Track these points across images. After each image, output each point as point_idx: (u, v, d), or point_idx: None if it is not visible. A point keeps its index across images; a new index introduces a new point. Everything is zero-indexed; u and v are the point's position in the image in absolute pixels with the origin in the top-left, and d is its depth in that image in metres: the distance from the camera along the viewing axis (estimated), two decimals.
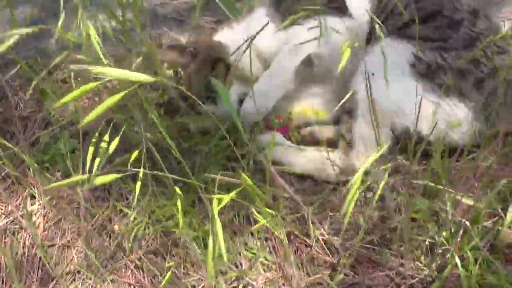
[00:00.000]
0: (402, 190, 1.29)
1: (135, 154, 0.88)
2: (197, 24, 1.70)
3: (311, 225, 1.15)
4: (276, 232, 0.99)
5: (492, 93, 1.36)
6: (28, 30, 0.91)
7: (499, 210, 1.25)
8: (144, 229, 1.27)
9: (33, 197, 1.41)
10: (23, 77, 1.73)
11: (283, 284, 1.10)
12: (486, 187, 1.27)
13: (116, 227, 1.28)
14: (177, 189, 0.85)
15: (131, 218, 1.28)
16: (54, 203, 1.37)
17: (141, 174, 0.81)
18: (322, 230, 1.20)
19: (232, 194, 0.80)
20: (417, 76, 1.33)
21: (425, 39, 1.36)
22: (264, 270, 1.13)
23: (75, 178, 0.79)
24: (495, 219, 1.25)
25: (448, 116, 1.34)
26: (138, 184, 0.85)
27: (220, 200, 0.75)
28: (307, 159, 1.39)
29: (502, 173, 1.35)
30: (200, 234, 1.17)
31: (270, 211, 0.91)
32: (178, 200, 0.80)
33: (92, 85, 0.71)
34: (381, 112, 1.30)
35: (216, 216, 0.70)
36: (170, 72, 1.59)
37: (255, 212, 0.91)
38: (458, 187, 1.27)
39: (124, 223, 1.29)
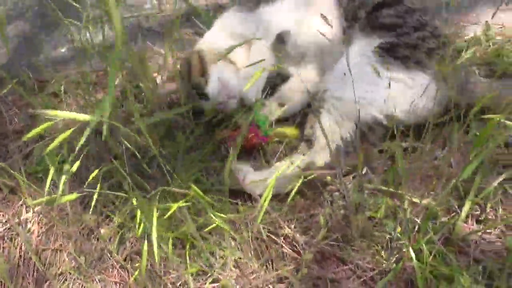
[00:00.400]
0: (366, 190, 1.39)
1: (95, 173, 0.99)
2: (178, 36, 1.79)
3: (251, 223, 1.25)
4: (232, 232, 1.09)
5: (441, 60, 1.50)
6: None
7: (456, 207, 1.36)
8: (129, 231, 1.39)
9: (28, 206, 1.53)
10: (16, 93, 1.84)
11: (251, 279, 1.21)
12: (444, 185, 1.37)
13: (102, 231, 1.39)
14: (134, 201, 0.97)
15: (116, 223, 1.39)
16: (47, 211, 1.48)
17: (95, 196, 0.92)
18: (289, 229, 1.31)
19: (180, 203, 0.92)
20: (381, 55, 1.46)
21: (387, 28, 1.52)
22: (234, 267, 1.24)
23: (41, 199, 0.91)
24: (453, 214, 1.36)
25: (412, 88, 1.45)
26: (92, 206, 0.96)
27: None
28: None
29: (459, 171, 1.46)
30: (177, 235, 1.29)
31: (221, 215, 1.01)
32: (138, 209, 0.91)
33: (46, 124, 0.83)
34: (347, 107, 1.41)
35: (154, 222, 0.81)
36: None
37: (212, 216, 1.01)
38: (418, 186, 1.40)
39: (110, 227, 1.40)
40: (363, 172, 1.39)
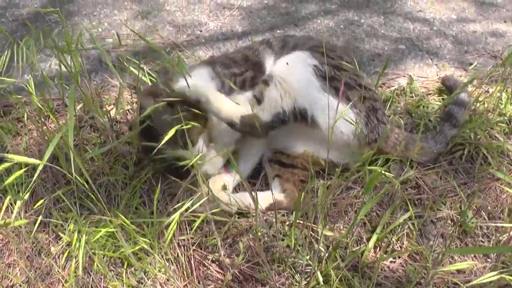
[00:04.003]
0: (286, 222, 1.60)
1: (39, 202, 1.17)
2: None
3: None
4: (156, 255, 1.27)
5: (371, 109, 1.71)
6: None
7: (364, 239, 1.58)
8: (76, 250, 1.55)
9: None
10: None
11: None
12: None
13: (52, 248, 1.55)
14: (71, 226, 1.14)
15: (65, 241, 1.55)
16: (3, 228, 1.63)
17: (38, 221, 1.09)
18: (217, 253, 1.50)
19: (105, 230, 1.11)
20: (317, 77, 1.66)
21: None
22: (164, 285, 1.42)
23: None
24: (363, 245, 1.57)
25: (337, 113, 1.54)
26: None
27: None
28: None
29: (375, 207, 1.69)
30: (118, 255, 1.47)
31: (143, 239, 1.20)
32: (82, 234, 1.08)
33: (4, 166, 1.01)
34: (289, 87, 1.62)
35: (83, 242, 1.00)
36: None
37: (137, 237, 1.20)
38: (336, 220, 1.62)
39: (59, 245, 1.56)
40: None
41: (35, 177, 1.06)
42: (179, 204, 1.15)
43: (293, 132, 1.73)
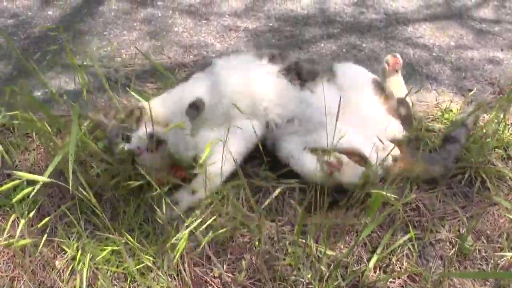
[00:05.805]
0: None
1: (45, 220, 1.20)
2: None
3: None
4: (159, 272, 1.30)
5: None
6: None
7: (364, 259, 1.61)
8: (79, 264, 1.57)
9: None
10: None
11: None
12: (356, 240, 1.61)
13: (57, 262, 1.58)
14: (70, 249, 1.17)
15: (70, 256, 1.58)
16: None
17: (44, 239, 1.12)
18: (220, 269, 1.53)
19: (110, 248, 1.14)
20: None
21: None
22: None
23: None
24: (363, 265, 1.59)
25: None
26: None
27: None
28: None
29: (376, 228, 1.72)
30: (122, 270, 1.49)
31: (147, 257, 1.23)
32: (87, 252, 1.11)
33: (11, 184, 1.05)
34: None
35: (87, 260, 1.02)
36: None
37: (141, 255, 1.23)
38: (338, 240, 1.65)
39: (64, 259, 1.58)
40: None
41: (35, 190, 1.09)
42: (186, 223, 1.18)
43: None
